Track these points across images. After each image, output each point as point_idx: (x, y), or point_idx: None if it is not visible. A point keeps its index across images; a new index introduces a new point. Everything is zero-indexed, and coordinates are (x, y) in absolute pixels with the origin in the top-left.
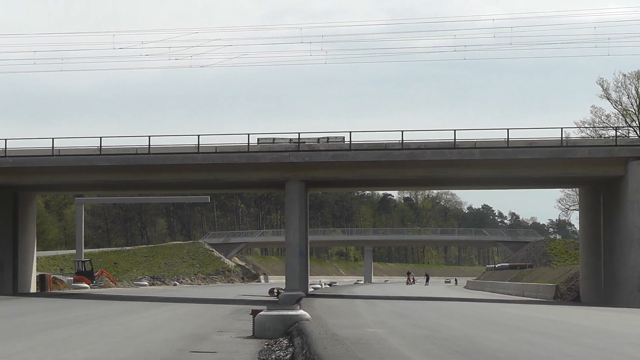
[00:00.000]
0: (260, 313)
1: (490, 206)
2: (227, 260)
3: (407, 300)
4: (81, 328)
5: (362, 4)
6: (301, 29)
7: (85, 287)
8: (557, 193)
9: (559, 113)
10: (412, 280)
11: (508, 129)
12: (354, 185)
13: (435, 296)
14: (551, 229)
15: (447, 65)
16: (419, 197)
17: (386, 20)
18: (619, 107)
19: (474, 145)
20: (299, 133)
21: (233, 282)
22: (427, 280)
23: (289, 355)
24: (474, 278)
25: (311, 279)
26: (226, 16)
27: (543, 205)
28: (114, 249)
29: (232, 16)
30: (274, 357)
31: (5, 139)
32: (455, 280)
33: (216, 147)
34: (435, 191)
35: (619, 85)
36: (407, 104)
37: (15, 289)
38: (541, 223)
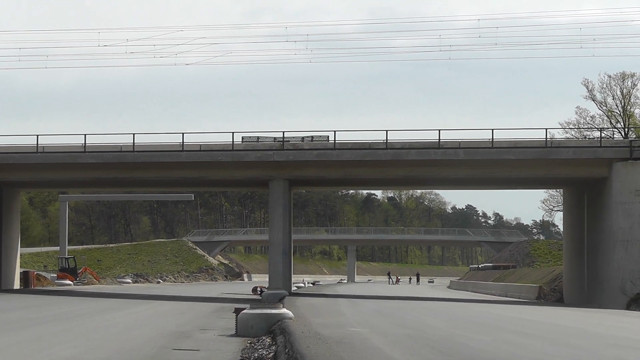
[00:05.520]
0: (243, 311)
1: (474, 206)
2: (210, 259)
3: (391, 300)
4: (64, 325)
5: (339, 3)
6: (286, 28)
7: (69, 284)
8: (541, 194)
9: (544, 114)
10: (395, 280)
11: (492, 129)
12: (338, 184)
13: (419, 296)
14: (535, 230)
15: (432, 65)
16: (402, 196)
17: (367, 19)
18: (604, 108)
19: (459, 146)
20: (283, 132)
21: (216, 280)
22: (418, 279)
23: (271, 354)
24: (458, 278)
25: (294, 278)
26: (205, 15)
27: (527, 205)
28: (97, 246)
29: (211, 15)
30: (256, 355)
31: None
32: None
33: (200, 145)
34: (419, 191)
35: (604, 86)
36: (391, 104)
37: None
38: (525, 223)
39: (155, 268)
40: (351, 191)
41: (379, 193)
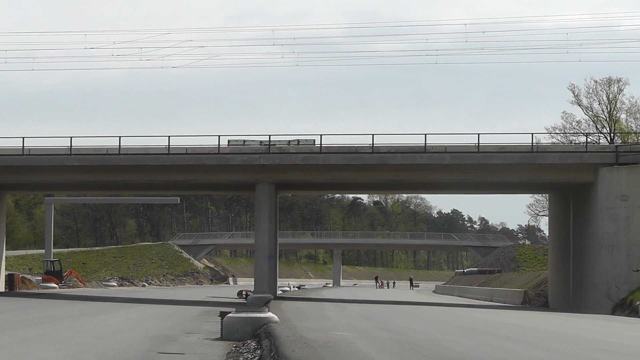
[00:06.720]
0: (229, 315)
1: (459, 211)
2: (196, 262)
3: (376, 304)
4: (49, 328)
5: (324, 7)
6: (273, 32)
7: (54, 287)
8: (526, 198)
9: (530, 118)
10: (381, 284)
11: (478, 134)
12: (324, 188)
13: (404, 300)
14: (520, 235)
15: (418, 69)
16: (388, 200)
17: (353, 23)
18: (590, 113)
19: (445, 150)
20: (269, 135)
21: (202, 284)
22: (412, 284)
23: (256, 358)
24: (443, 283)
25: (280, 282)
26: (192, 18)
27: (512, 210)
28: (83, 249)
29: (197, 18)
30: (241, 359)
31: None
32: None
33: (187, 148)
34: (405, 195)
35: (590, 91)
36: (377, 108)
37: None
38: (510, 228)
39: (140, 271)
40: (337, 195)
41: (365, 197)
